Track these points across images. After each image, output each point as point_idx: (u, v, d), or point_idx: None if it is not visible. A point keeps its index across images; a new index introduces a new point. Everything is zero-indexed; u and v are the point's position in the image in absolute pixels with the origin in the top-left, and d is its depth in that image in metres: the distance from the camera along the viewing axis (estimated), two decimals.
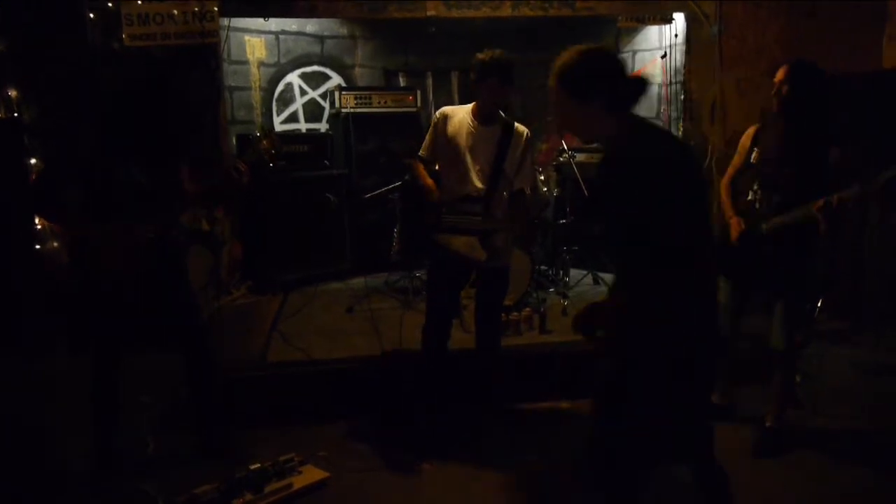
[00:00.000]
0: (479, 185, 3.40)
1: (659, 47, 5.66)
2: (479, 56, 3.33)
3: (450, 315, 3.65)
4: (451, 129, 3.43)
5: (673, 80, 5.50)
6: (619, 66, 2.11)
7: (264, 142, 3.24)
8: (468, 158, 3.40)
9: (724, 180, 3.61)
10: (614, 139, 2.12)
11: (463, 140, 3.40)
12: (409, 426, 3.69)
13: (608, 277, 5.49)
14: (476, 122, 3.41)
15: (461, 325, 4.22)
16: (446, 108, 3.53)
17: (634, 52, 6.15)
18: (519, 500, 3.08)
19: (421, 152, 3.56)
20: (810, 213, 3.11)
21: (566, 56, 2.11)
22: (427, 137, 3.55)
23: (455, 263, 3.48)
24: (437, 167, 3.59)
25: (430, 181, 3.48)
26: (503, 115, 3.47)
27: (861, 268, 5.03)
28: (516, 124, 3.46)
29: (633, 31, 6.02)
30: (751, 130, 3.53)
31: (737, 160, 3.57)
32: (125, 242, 2.92)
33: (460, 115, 3.46)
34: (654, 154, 2.03)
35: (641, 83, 2.17)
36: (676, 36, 5.35)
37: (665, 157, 2.04)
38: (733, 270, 3.48)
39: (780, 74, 3.34)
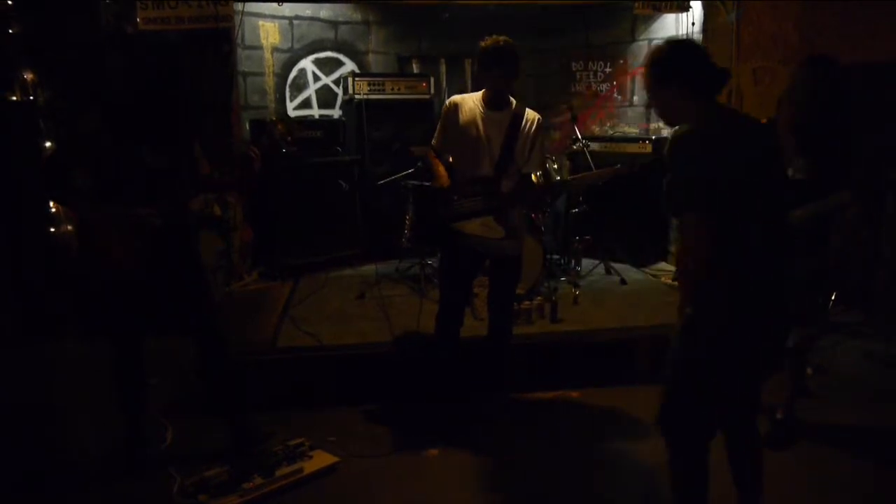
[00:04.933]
0: (489, 169, 3.40)
1: (675, 35, 5.59)
2: (483, 44, 3.29)
3: (463, 303, 3.66)
4: (462, 117, 3.42)
5: None
6: (701, 57, 2.28)
7: (280, 126, 3.24)
8: (480, 145, 3.39)
9: None
10: (693, 123, 2.25)
11: (474, 127, 3.39)
12: (419, 413, 3.70)
13: (620, 267, 5.48)
14: (486, 109, 3.40)
15: (472, 313, 4.22)
16: (456, 97, 3.51)
17: (650, 40, 6.09)
18: (526, 490, 3.09)
19: (433, 142, 3.55)
20: (843, 202, 3.07)
21: (654, 47, 2.42)
22: (438, 127, 3.54)
23: (469, 251, 3.48)
24: (450, 159, 3.56)
25: (441, 170, 3.47)
26: (514, 100, 3.45)
27: (874, 260, 4.99)
28: (527, 110, 3.45)
29: (649, 19, 5.95)
30: None
31: None
32: (132, 228, 2.90)
33: (470, 102, 3.44)
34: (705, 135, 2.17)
35: (724, 73, 2.29)
36: (693, 24, 5.29)
37: (711, 140, 2.17)
38: None
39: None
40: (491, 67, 3.29)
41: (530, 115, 3.44)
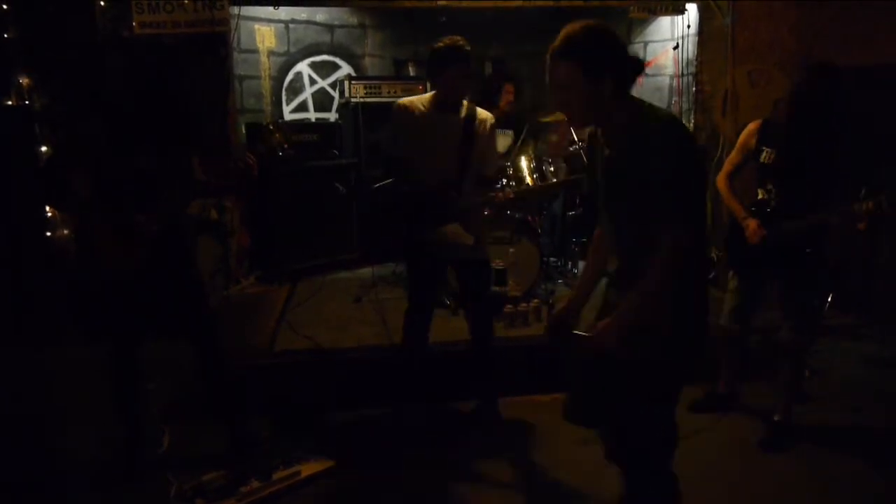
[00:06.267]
0: (448, 174, 3.32)
1: (671, 38, 5.62)
2: (439, 44, 3.23)
3: (431, 310, 3.60)
4: (413, 121, 3.33)
5: (685, 72, 5.46)
6: (623, 44, 2.04)
7: (276, 135, 3.22)
8: (436, 150, 3.31)
9: (722, 178, 3.48)
10: (625, 123, 2.03)
11: (429, 132, 3.31)
12: (416, 415, 3.69)
13: None
14: (439, 112, 3.32)
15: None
16: (403, 100, 3.40)
17: (646, 43, 6.10)
18: (524, 492, 3.09)
19: (387, 150, 3.49)
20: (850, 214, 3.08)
21: (574, 29, 1.97)
22: (391, 134, 3.46)
23: (436, 258, 3.44)
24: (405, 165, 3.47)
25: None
26: (466, 102, 3.38)
27: (871, 262, 5.00)
28: (478, 109, 3.39)
29: (644, 22, 5.98)
30: (752, 127, 3.41)
31: (735, 157, 3.47)
32: (128, 233, 2.89)
33: (420, 106, 3.35)
34: (678, 133, 2.00)
35: (640, 63, 2.10)
36: (689, 27, 5.31)
37: (685, 137, 2.04)
38: (746, 268, 3.46)
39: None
40: (450, 65, 3.19)
41: (482, 114, 3.39)
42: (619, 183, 2.09)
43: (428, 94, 3.41)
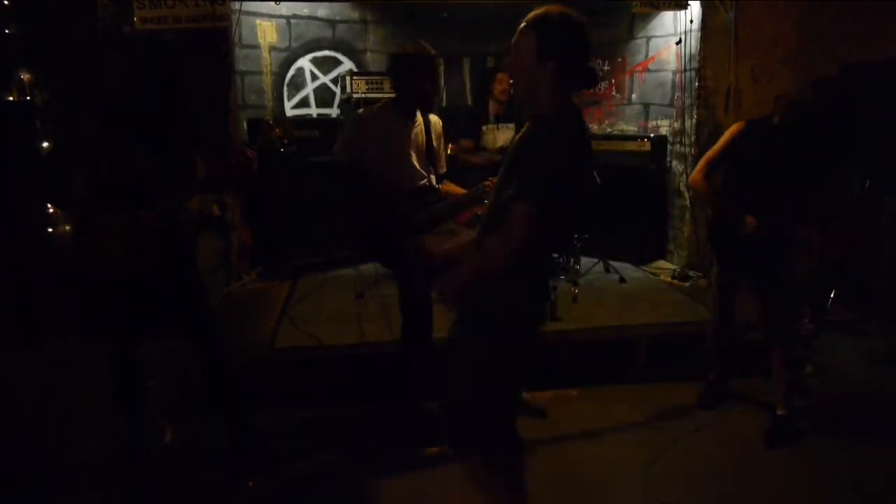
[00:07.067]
0: (423, 178, 3.41)
1: (674, 33, 5.59)
2: (405, 52, 3.28)
3: (430, 306, 3.56)
4: (383, 130, 3.34)
5: (687, 67, 5.44)
6: (588, 47, 2.07)
7: (276, 129, 3.21)
8: (409, 156, 3.38)
9: (700, 178, 3.42)
10: (548, 114, 2.08)
11: (399, 140, 3.36)
12: (418, 412, 3.69)
13: (619, 265, 5.48)
14: (404, 120, 3.38)
15: None
16: (368, 111, 3.44)
17: (649, 39, 6.08)
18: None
19: (353, 159, 3.40)
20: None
21: (553, 8, 2.07)
22: (351, 141, 3.42)
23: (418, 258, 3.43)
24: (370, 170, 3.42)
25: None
26: (419, 108, 3.44)
27: (873, 258, 4.99)
28: (430, 115, 3.50)
29: (647, 17, 5.94)
30: (736, 129, 3.40)
31: (715, 156, 3.43)
32: (129, 231, 2.88)
33: (384, 115, 3.38)
34: (569, 135, 2.05)
35: (594, 76, 2.13)
36: (692, 22, 5.28)
37: (576, 143, 2.07)
38: (736, 262, 3.51)
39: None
40: (420, 71, 3.26)
41: (433, 118, 3.51)
42: (506, 162, 2.17)
43: (383, 103, 3.45)
